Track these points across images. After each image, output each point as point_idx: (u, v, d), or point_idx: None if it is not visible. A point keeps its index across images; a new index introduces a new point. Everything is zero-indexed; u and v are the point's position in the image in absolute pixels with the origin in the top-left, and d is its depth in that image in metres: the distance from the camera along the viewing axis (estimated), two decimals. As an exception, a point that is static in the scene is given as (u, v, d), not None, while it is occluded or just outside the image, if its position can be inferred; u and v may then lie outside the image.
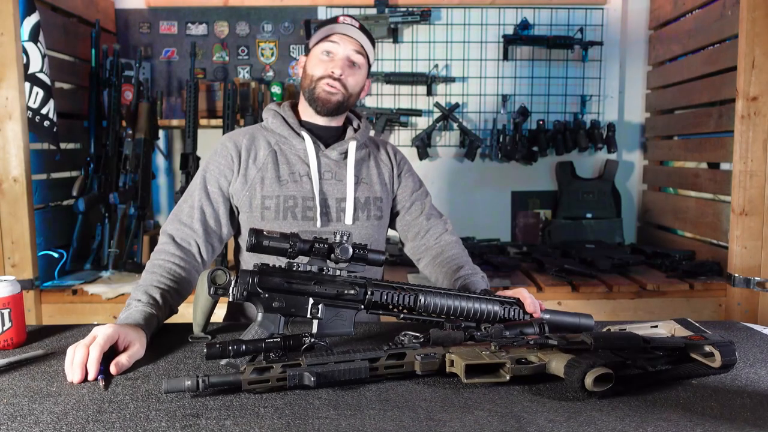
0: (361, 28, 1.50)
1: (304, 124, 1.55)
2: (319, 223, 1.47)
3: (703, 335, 1.11)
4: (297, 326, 1.33)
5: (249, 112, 2.93)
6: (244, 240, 1.55)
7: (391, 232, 1.72)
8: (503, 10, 3.18)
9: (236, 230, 1.54)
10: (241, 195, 1.47)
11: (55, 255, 2.53)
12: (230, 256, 2.62)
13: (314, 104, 1.51)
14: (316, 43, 1.51)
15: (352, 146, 1.54)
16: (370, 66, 1.56)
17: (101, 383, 1.01)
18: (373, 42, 1.54)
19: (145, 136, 2.76)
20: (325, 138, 1.55)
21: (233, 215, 1.50)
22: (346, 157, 1.54)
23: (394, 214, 1.65)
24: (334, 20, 1.50)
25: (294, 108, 1.58)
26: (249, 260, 1.52)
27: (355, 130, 1.60)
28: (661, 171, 3.22)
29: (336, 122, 1.57)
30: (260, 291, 1.11)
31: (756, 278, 2.27)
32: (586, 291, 2.43)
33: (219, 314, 1.58)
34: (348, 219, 1.49)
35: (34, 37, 2.27)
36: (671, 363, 1.05)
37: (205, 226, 1.44)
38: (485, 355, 1.00)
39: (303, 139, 1.51)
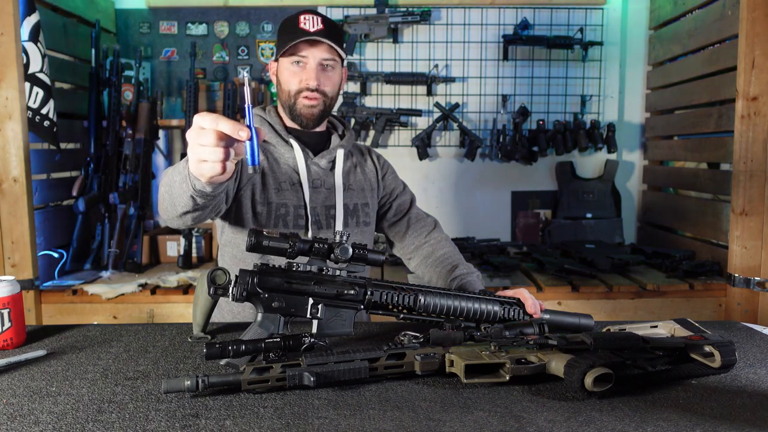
0: (326, 26, 1.46)
1: (290, 131, 1.55)
2: (310, 233, 1.48)
3: (703, 335, 1.11)
4: (297, 326, 1.33)
5: (249, 112, 2.93)
6: (222, 232, 1.53)
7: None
8: (503, 10, 3.18)
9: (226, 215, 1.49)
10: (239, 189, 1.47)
11: (55, 255, 2.53)
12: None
13: (298, 120, 1.52)
14: (284, 53, 1.47)
15: (340, 154, 1.55)
16: (343, 59, 1.53)
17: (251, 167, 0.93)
18: (341, 33, 1.51)
19: (145, 136, 2.76)
20: (312, 144, 1.55)
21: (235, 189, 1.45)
22: (333, 164, 1.55)
23: (379, 216, 1.66)
24: (296, 25, 1.45)
25: (278, 112, 1.58)
26: (224, 255, 1.54)
27: (341, 137, 1.61)
28: (661, 171, 3.22)
29: (320, 127, 1.58)
30: (260, 291, 1.11)
31: (756, 278, 2.27)
32: (586, 291, 2.43)
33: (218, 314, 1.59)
34: (339, 226, 1.51)
35: (34, 37, 2.27)
36: (671, 363, 1.05)
37: None
38: (485, 355, 1.00)
39: (291, 146, 1.51)
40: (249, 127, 0.92)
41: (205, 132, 0.92)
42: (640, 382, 1.01)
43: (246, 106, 0.95)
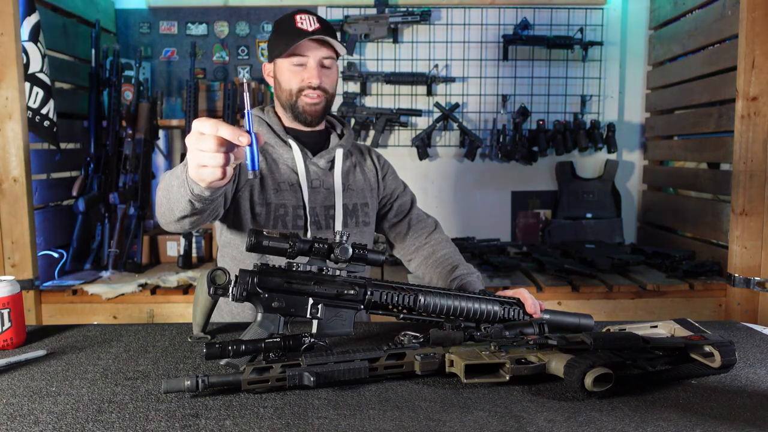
0: (322, 25, 1.47)
1: (288, 131, 1.54)
2: (309, 233, 1.47)
3: (703, 335, 1.11)
4: (297, 326, 1.33)
5: (249, 112, 2.93)
6: (221, 233, 1.54)
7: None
8: (503, 10, 3.18)
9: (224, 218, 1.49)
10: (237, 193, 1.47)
11: (55, 255, 2.53)
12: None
13: (301, 117, 1.52)
14: (282, 55, 1.47)
15: (339, 154, 1.55)
16: (338, 55, 1.54)
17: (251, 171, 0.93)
18: (334, 30, 1.52)
19: (145, 136, 2.76)
20: (311, 144, 1.55)
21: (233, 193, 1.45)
22: (333, 164, 1.54)
23: (380, 217, 1.66)
24: (293, 26, 1.45)
25: (276, 112, 1.58)
26: (225, 256, 1.53)
27: (340, 136, 1.60)
28: (661, 171, 3.22)
29: (319, 126, 1.58)
30: (260, 291, 1.11)
31: (756, 278, 2.27)
32: (586, 291, 2.43)
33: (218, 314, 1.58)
34: (338, 226, 1.50)
35: (34, 37, 2.27)
36: (671, 363, 1.05)
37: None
38: (485, 355, 1.00)
39: (290, 147, 1.51)
40: (249, 132, 0.92)
41: (205, 137, 0.92)
42: (640, 382, 1.01)
43: (246, 111, 0.95)
